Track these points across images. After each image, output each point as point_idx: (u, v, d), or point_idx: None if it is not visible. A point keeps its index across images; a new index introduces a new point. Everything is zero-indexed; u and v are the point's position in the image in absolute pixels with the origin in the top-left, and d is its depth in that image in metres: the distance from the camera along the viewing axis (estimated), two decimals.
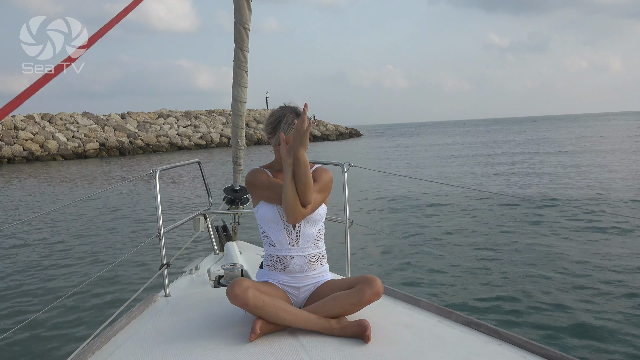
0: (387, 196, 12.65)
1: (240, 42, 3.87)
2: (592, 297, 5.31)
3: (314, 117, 61.20)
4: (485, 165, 20.12)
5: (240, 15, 3.78)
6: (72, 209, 11.83)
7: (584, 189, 12.74)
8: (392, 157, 28.56)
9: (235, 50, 3.92)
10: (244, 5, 3.76)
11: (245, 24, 3.81)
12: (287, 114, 2.24)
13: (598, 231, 8.15)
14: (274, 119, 2.26)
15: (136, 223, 10.47)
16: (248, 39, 3.89)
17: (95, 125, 41.94)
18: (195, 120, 48.62)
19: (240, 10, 3.77)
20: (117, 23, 1.62)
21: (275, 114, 2.27)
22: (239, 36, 3.85)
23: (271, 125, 2.26)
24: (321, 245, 2.32)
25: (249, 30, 3.85)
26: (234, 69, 3.97)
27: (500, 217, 9.51)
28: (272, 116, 2.29)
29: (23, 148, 35.62)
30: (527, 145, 31.99)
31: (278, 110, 2.28)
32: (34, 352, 4.47)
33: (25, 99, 1.30)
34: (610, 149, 25.53)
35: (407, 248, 7.57)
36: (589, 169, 17.01)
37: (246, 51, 3.92)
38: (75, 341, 1.94)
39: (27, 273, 6.88)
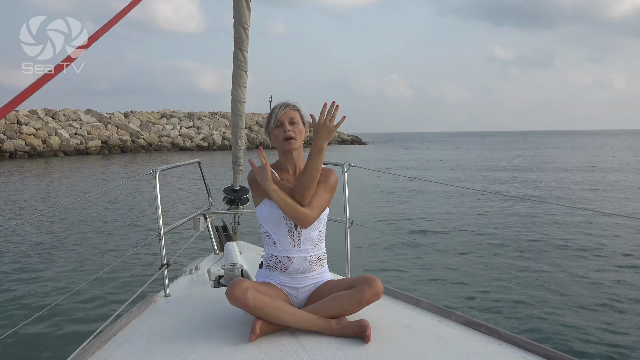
0: (387, 196, 12.65)
1: (240, 42, 3.87)
2: (592, 297, 5.31)
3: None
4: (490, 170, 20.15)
5: (239, 15, 3.78)
6: (72, 208, 11.83)
7: (585, 190, 12.75)
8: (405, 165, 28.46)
9: (235, 50, 3.91)
10: (243, 5, 3.76)
11: (244, 24, 3.81)
12: (279, 103, 2.30)
13: (599, 231, 8.15)
14: (270, 111, 2.32)
15: (136, 223, 10.46)
16: (247, 39, 3.89)
17: (98, 123, 41.94)
18: (198, 121, 48.64)
19: (240, 10, 3.77)
20: (116, 23, 1.62)
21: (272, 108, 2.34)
22: (239, 36, 3.85)
23: (268, 117, 2.31)
24: (322, 246, 2.31)
25: (249, 30, 3.85)
26: (234, 69, 3.97)
27: (501, 218, 9.51)
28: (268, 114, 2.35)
29: (25, 143, 35.57)
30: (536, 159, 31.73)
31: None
32: (34, 352, 4.47)
33: (25, 98, 1.30)
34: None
35: (407, 248, 7.57)
36: (591, 175, 17.02)
37: (245, 51, 3.91)
38: (75, 341, 1.94)
39: (26, 273, 6.88)
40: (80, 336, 4.49)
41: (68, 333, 4.78)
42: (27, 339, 4.65)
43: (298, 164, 2.30)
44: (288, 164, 2.30)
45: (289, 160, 2.29)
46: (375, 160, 27.16)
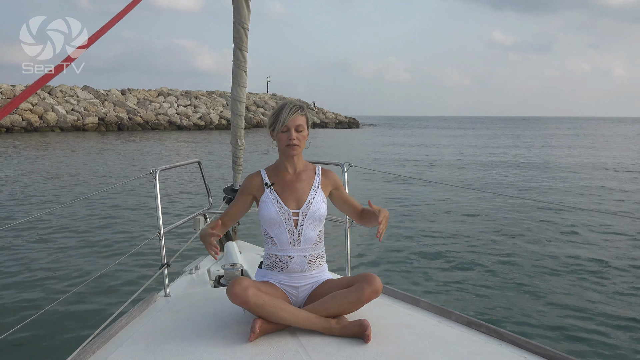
0: (387, 196, 12.65)
1: (240, 42, 3.87)
2: (592, 297, 5.31)
3: (313, 104, 61.17)
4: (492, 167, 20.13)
5: (239, 15, 3.78)
6: (72, 208, 11.83)
7: (586, 191, 12.74)
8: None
9: (235, 50, 3.92)
10: (243, 5, 3.76)
11: (244, 24, 3.81)
12: (289, 102, 2.28)
13: (599, 231, 8.15)
14: (277, 109, 2.29)
15: (136, 223, 10.46)
16: (247, 39, 3.89)
17: (95, 100, 41.58)
18: (195, 100, 48.21)
19: (240, 10, 3.77)
20: (116, 23, 1.62)
21: (278, 105, 2.31)
22: (238, 36, 3.85)
23: (274, 116, 2.28)
24: (321, 246, 2.32)
25: (248, 31, 3.86)
26: (233, 69, 3.97)
27: (501, 218, 9.51)
28: (274, 109, 2.32)
29: (22, 118, 35.35)
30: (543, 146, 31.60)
31: (280, 103, 2.33)
32: (34, 352, 4.47)
33: (25, 98, 1.31)
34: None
35: (407, 248, 7.57)
36: (592, 172, 17.03)
37: (245, 51, 3.92)
38: (75, 341, 1.94)
39: (25, 272, 6.87)
40: (80, 336, 4.49)
41: (68, 333, 4.78)
42: (27, 339, 4.65)
43: (298, 165, 2.34)
44: (288, 164, 2.33)
45: (289, 160, 2.32)
46: (375, 153, 26.95)
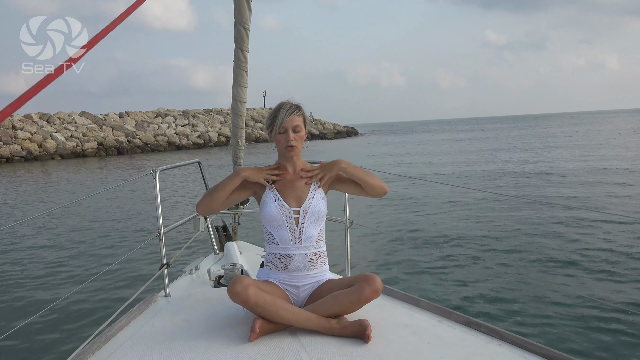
0: (387, 196, 12.66)
1: (240, 42, 3.87)
2: (592, 297, 5.31)
3: (311, 115, 61.19)
4: (488, 163, 20.12)
5: (240, 15, 3.78)
6: (72, 209, 11.83)
7: (586, 191, 12.74)
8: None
9: (235, 51, 3.92)
10: (244, 5, 3.76)
11: (245, 24, 3.81)
12: (285, 103, 2.30)
13: (600, 231, 8.14)
14: (274, 110, 2.31)
15: (136, 223, 10.46)
16: (248, 39, 3.89)
17: (93, 125, 41.85)
18: (193, 119, 48.55)
19: (241, 10, 3.77)
20: (118, 25, 1.63)
21: (275, 107, 2.33)
22: (239, 36, 3.85)
23: (271, 117, 2.30)
24: (322, 245, 2.33)
25: (249, 30, 3.86)
26: (234, 69, 3.97)
27: (501, 217, 9.51)
28: (271, 110, 2.35)
29: (21, 148, 35.54)
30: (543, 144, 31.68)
31: (277, 104, 2.34)
32: (34, 352, 4.48)
33: (27, 100, 1.31)
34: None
35: (407, 248, 7.57)
36: (595, 165, 17.02)
37: (246, 51, 3.92)
38: (75, 341, 1.94)
39: (26, 273, 6.88)
40: (80, 336, 4.50)
41: (68, 333, 4.78)
42: (28, 339, 4.65)
43: (297, 164, 2.36)
44: (288, 164, 2.35)
45: (289, 160, 2.34)
46: (376, 157, 27.09)
